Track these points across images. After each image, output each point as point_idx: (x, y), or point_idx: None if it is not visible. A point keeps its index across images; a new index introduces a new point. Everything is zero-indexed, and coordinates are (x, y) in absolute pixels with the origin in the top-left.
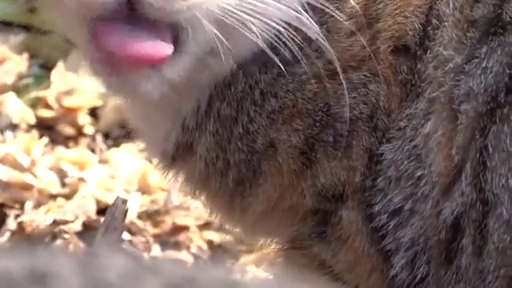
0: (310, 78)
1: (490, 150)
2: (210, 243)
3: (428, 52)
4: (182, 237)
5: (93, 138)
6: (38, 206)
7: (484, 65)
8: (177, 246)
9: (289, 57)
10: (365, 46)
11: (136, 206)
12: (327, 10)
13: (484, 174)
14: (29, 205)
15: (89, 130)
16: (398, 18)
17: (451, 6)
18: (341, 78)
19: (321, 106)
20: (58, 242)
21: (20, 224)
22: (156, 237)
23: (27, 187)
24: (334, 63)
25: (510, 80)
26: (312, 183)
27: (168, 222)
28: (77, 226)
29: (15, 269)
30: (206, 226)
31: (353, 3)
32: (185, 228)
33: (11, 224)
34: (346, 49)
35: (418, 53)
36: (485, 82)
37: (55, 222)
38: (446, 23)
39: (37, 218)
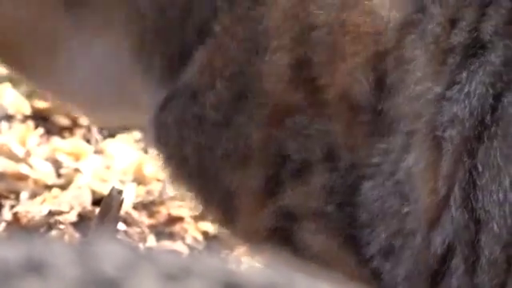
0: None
1: (480, 168)
2: (205, 234)
3: (395, 96)
4: (177, 227)
5: (88, 128)
6: (33, 196)
7: (467, 89)
8: (172, 236)
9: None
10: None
11: (131, 196)
12: None
13: (475, 194)
14: (24, 195)
15: (84, 120)
16: (340, 78)
17: (425, 41)
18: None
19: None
20: (54, 232)
21: (15, 214)
22: (151, 227)
23: (22, 178)
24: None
25: (495, 100)
26: (273, 207)
27: (163, 212)
28: (72, 217)
29: (11, 257)
30: (201, 216)
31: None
32: (180, 219)
33: (6, 214)
34: (287, 96)
35: (379, 106)
36: (469, 106)
37: (50, 213)
38: (416, 62)
39: (32, 208)
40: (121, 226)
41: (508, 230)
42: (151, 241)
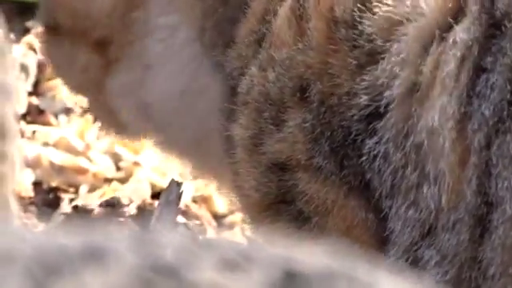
0: None
1: (494, 159)
2: None
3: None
4: (236, 220)
5: None
6: (92, 190)
7: (491, 80)
8: (231, 228)
9: None
10: None
11: (191, 189)
12: None
13: (489, 182)
14: (83, 189)
15: None
16: None
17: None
18: None
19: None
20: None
21: (75, 208)
22: (211, 220)
23: (82, 171)
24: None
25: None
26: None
27: (222, 205)
28: (132, 210)
29: (71, 245)
30: None
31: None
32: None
33: (66, 208)
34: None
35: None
36: (493, 100)
37: (110, 206)
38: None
39: (91, 202)
40: (180, 218)
41: None
42: (211, 234)
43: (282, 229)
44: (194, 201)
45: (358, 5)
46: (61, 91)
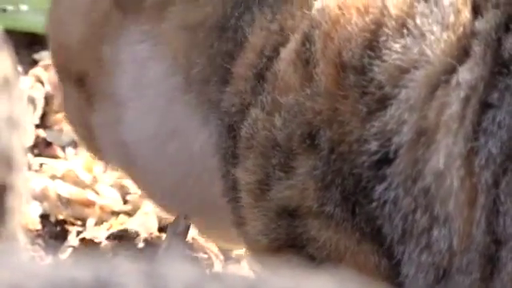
0: None
1: (502, 198)
2: None
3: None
4: (243, 254)
5: None
6: (99, 222)
7: (499, 118)
8: (239, 262)
9: None
10: None
11: None
12: None
13: (497, 220)
14: (91, 222)
15: None
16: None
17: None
18: None
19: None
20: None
21: (82, 240)
22: (218, 253)
23: (89, 204)
24: None
25: None
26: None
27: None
28: (139, 243)
29: (80, 278)
30: None
31: None
32: None
33: (73, 241)
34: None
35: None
36: (501, 138)
37: (117, 239)
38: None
39: (99, 234)
40: (187, 252)
41: None
42: (218, 267)
43: (289, 260)
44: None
45: (368, 51)
46: (67, 124)
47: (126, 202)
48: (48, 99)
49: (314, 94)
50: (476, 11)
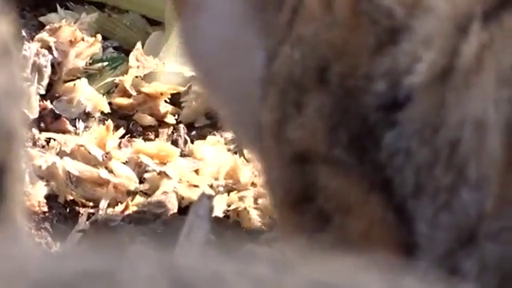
0: None
1: None
2: None
3: None
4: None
5: (175, 128)
6: (113, 204)
7: None
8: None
9: None
10: None
11: (223, 203)
12: None
13: None
14: (103, 203)
15: (170, 119)
16: None
17: None
18: None
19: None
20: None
21: (93, 224)
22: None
23: (102, 183)
24: None
25: None
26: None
27: (257, 220)
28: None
29: (91, 271)
30: None
31: None
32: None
33: (83, 224)
34: None
35: None
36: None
37: (133, 222)
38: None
39: (112, 217)
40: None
41: None
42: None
43: (313, 245)
44: (227, 216)
45: None
46: (79, 94)
47: (142, 180)
48: (55, 67)
49: (331, 24)
50: None
